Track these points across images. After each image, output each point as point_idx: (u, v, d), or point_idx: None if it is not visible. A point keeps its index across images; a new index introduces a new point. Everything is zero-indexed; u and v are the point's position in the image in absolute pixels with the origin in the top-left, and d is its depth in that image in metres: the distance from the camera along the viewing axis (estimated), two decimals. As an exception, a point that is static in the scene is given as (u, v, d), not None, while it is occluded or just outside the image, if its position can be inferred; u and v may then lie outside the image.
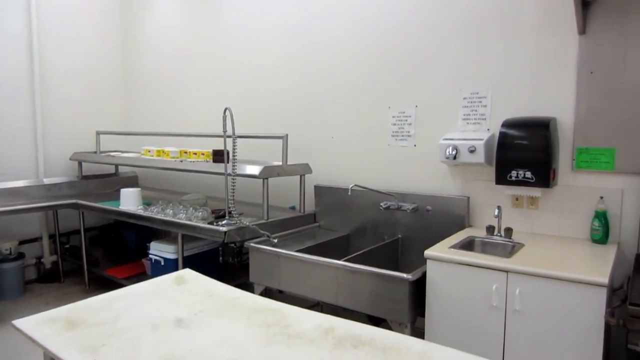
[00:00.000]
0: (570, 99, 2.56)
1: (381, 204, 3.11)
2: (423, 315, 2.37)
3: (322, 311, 3.16)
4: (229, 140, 3.01)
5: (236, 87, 4.12)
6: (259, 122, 3.94)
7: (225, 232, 2.87)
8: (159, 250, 3.40)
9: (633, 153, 2.40)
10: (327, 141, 3.56)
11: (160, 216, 3.31)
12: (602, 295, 1.91)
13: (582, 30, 2.47)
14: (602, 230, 2.44)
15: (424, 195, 3.01)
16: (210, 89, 4.35)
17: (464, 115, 2.91)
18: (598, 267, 2.08)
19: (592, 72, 2.48)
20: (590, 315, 1.94)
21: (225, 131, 3.01)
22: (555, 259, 2.20)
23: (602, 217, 2.44)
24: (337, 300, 2.53)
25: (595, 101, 2.48)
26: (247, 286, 2.67)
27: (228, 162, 3.08)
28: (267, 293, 2.93)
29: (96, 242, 4.78)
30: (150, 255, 3.46)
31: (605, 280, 1.91)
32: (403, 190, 3.13)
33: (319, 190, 3.51)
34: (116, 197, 3.87)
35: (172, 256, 3.32)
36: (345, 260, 2.53)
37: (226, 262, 3.58)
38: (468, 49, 2.87)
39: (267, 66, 3.87)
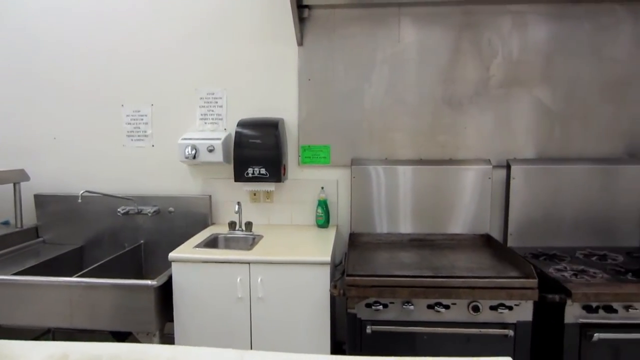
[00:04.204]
0: (294, 102, 2.88)
1: (119, 210, 2.89)
2: (172, 320, 2.32)
3: (53, 339, 2.76)
4: None
5: None
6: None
7: None
8: None
9: (343, 149, 2.86)
10: (49, 143, 3.10)
11: None
12: (326, 272, 2.23)
13: (301, 42, 2.80)
14: (324, 216, 2.84)
15: (165, 197, 2.93)
16: None
17: (202, 115, 2.95)
18: (322, 248, 2.41)
19: (309, 79, 2.84)
20: (318, 290, 2.24)
21: None
22: (289, 245, 2.46)
23: (323, 205, 2.84)
24: (72, 322, 2.24)
25: (313, 104, 2.86)
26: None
27: None
28: (-24, 331, 2.39)
29: None
30: None
31: (327, 259, 2.23)
32: (143, 193, 2.98)
33: (41, 199, 3.03)
34: None
35: None
36: (79, 276, 2.26)
37: None
38: (203, 51, 2.91)
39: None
